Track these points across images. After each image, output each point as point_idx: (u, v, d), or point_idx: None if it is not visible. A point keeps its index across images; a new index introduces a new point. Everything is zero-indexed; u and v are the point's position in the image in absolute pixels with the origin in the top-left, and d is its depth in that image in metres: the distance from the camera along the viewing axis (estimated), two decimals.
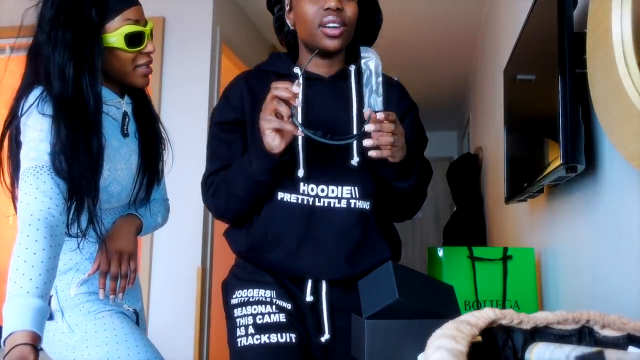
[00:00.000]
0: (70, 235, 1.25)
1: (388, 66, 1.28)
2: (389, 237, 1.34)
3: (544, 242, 1.85)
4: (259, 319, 1.23)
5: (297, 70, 1.33)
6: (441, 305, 1.02)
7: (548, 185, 1.60)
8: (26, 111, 1.22)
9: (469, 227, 4.05)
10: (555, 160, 1.27)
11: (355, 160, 1.27)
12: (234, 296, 1.30)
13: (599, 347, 0.69)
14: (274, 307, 1.25)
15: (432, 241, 6.58)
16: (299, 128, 1.11)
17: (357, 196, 1.27)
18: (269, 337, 1.21)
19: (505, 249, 1.86)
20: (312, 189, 1.26)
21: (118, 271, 1.34)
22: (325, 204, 1.26)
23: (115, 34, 1.28)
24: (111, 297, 1.34)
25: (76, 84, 1.23)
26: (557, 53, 1.25)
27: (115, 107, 1.37)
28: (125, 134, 1.38)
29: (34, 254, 1.08)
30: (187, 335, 2.97)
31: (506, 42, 2.52)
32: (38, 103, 1.22)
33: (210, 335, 3.09)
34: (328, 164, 1.27)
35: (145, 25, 1.34)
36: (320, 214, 1.26)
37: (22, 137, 1.22)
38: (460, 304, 1.23)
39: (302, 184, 1.26)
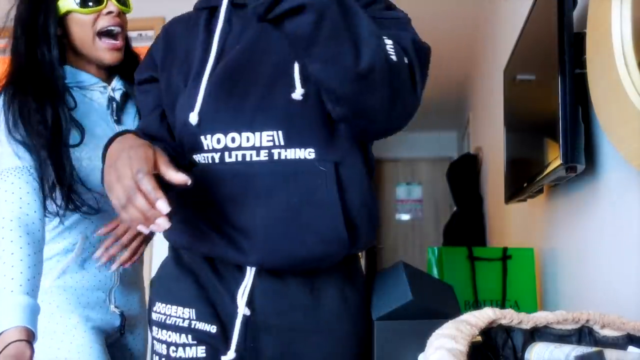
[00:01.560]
0: (50, 213, 1.21)
1: None
2: (351, 204, 0.94)
3: (544, 242, 1.85)
4: (173, 352, 0.95)
5: None
6: (446, 305, 1.01)
7: (548, 185, 1.60)
8: None
9: (468, 227, 4.05)
10: (555, 160, 1.27)
11: (299, 93, 0.92)
12: (154, 309, 1.00)
13: (599, 347, 0.69)
14: (190, 336, 0.95)
15: (432, 241, 6.58)
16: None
17: (282, 143, 0.92)
18: None
19: (505, 249, 1.86)
20: (219, 140, 0.94)
21: (129, 243, 1.26)
22: (239, 158, 0.93)
23: None
24: (102, 260, 1.24)
25: (29, 56, 1.21)
26: (557, 53, 1.25)
27: (98, 91, 1.31)
28: (117, 121, 1.31)
29: (12, 254, 1.09)
30: None
31: (506, 42, 2.52)
32: None
33: None
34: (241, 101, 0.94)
35: None
36: (231, 174, 0.93)
37: None
38: (459, 304, 1.23)
39: (203, 137, 0.95)
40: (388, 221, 6.81)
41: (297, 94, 0.92)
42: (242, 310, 0.93)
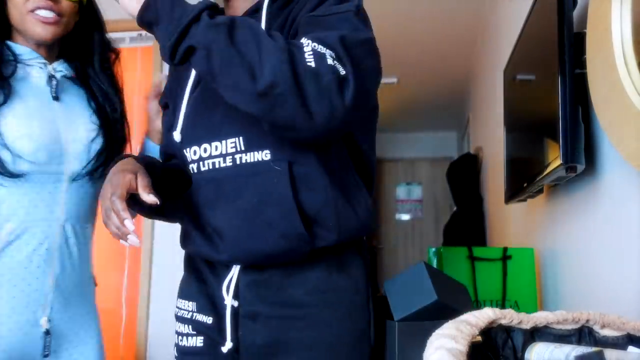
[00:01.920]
0: None
1: (388, 66, 1.26)
2: (309, 201, 0.97)
3: (544, 242, 1.85)
4: (181, 340, 1.10)
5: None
6: (463, 304, 1.00)
7: (548, 185, 1.60)
8: None
9: (468, 227, 4.05)
10: (555, 160, 1.27)
11: None
12: (177, 304, 1.14)
13: (599, 347, 0.69)
14: (191, 326, 1.08)
15: (432, 241, 6.58)
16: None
17: (243, 148, 0.99)
18: None
19: (505, 249, 1.86)
20: (195, 152, 1.04)
21: None
22: (210, 166, 1.02)
23: None
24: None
25: None
26: (557, 53, 1.25)
27: (38, 67, 1.33)
28: (55, 98, 1.32)
29: None
30: None
31: (506, 42, 2.52)
32: None
33: None
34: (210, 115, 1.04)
35: None
36: (205, 181, 1.03)
37: None
38: None
39: (185, 151, 1.06)
40: (388, 221, 6.81)
41: None
42: (229, 302, 1.02)
